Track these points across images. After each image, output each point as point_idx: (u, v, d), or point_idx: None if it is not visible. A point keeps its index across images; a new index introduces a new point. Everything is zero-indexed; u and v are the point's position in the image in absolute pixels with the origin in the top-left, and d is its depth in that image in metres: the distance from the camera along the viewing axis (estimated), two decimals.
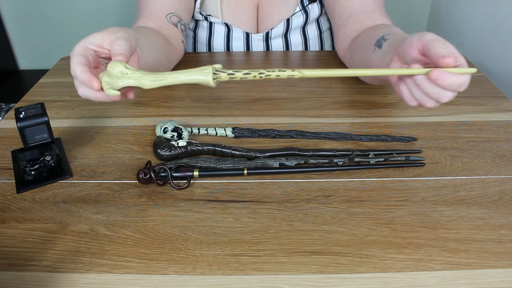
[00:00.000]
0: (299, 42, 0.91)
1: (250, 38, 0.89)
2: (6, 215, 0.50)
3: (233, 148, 0.58)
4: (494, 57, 0.95)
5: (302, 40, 0.91)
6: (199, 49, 0.93)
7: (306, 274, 0.42)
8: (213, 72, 0.48)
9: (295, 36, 0.90)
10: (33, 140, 0.53)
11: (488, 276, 0.42)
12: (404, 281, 0.41)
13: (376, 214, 0.49)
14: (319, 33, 0.92)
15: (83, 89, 0.50)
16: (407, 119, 0.67)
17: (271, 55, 0.90)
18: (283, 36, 0.89)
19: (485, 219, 0.48)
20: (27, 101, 0.74)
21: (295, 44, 0.91)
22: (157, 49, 0.69)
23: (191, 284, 0.42)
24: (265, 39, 0.89)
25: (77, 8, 1.63)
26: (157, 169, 0.53)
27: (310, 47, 0.92)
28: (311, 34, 0.91)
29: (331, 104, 0.71)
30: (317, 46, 0.93)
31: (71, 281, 0.42)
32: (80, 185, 0.54)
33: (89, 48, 0.51)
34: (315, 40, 0.92)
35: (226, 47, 0.90)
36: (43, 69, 0.94)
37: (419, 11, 1.49)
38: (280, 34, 0.89)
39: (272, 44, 0.90)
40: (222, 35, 0.89)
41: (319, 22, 0.91)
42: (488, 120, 0.66)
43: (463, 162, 0.57)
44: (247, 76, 0.49)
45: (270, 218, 0.49)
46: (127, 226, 0.48)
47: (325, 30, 0.93)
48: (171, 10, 0.78)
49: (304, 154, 0.58)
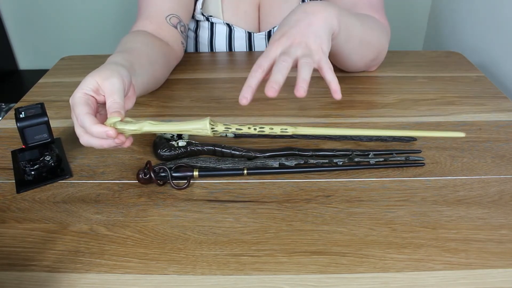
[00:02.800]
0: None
1: (252, 37, 0.89)
2: (6, 215, 0.50)
3: (233, 148, 0.58)
4: (494, 57, 0.95)
5: None
6: (201, 49, 0.93)
7: (306, 274, 0.42)
8: (210, 123, 0.49)
9: None
10: (33, 140, 0.53)
11: (488, 276, 0.42)
12: (404, 281, 0.41)
13: (376, 214, 0.49)
14: None
15: (86, 138, 0.49)
16: (407, 119, 0.67)
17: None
18: None
19: (485, 219, 0.48)
20: (27, 101, 0.74)
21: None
22: (153, 62, 0.69)
23: (191, 284, 0.42)
24: (267, 38, 0.89)
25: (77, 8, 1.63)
26: (157, 169, 0.53)
27: None
28: None
29: (331, 104, 0.71)
30: None
31: (71, 281, 0.42)
32: (80, 185, 0.54)
33: (88, 95, 0.50)
34: None
35: (228, 47, 0.90)
36: (43, 69, 0.94)
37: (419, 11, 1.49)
38: None
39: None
40: (224, 35, 0.89)
41: None
42: (488, 120, 0.66)
43: (463, 162, 0.57)
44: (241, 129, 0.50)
45: (270, 218, 0.49)
46: (127, 226, 0.48)
47: None
48: (170, 11, 0.77)
49: (304, 154, 0.58)
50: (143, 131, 0.49)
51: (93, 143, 0.49)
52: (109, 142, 0.49)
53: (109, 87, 0.50)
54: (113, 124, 0.48)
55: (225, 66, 0.88)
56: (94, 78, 0.50)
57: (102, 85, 0.50)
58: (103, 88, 0.50)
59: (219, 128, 0.50)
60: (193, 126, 0.49)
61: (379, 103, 0.71)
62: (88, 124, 0.47)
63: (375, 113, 0.68)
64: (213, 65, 0.87)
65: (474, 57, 0.94)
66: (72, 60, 0.91)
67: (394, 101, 0.72)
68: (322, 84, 0.78)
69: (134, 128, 0.49)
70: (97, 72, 0.51)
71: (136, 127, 0.49)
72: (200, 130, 0.49)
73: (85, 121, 0.47)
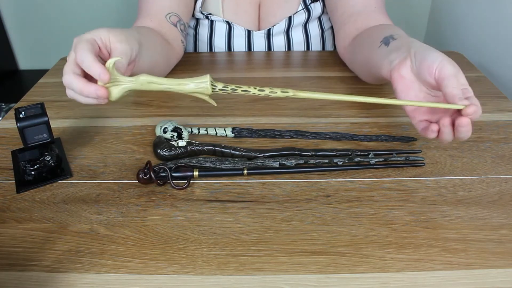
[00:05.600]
0: (300, 41, 0.91)
1: (251, 35, 0.89)
2: (6, 215, 0.50)
3: (233, 148, 0.58)
4: (494, 57, 0.95)
5: (304, 38, 0.91)
6: (200, 47, 0.93)
7: (306, 274, 0.42)
8: (210, 79, 0.50)
9: (297, 33, 0.90)
10: (33, 140, 0.53)
11: (488, 276, 0.42)
12: (404, 281, 0.41)
13: (376, 214, 0.49)
14: (321, 31, 0.92)
15: (71, 92, 0.49)
16: (407, 119, 0.66)
17: (272, 55, 0.90)
18: (285, 32, 0.89)
19: (485, 219, 0.48)
20: (27, 101, 0.74)
21: (296, 42, 0.91)
22: (157, 51, 0.69)
23: (191, 284, 0.42)
24: (266, 36, 0.89)
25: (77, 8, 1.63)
26: (157, 169, 0.53)
27: (312, 46, 0.92)
28: (313, 32, 0.91)
29: (331, 104, 0.71)
30: (318, 45, 0.93)
31: (71, 281, 0.42)
32: (80, 185, 0.54)
33: (96, 41, 0.49)
34: (316, 39, 0.92)
35: (227, 45, 0.90)
36: (43, 69, 0.94)
37: (419, 11, 1.49)
38: (282, 31, 0.89)
39: (274, 41, 0.90)
40: (223, 32, 0.89)
41: (321, 20, 0.91)
42: (488, 120, 0.66)
43: (463, 162, 0.57)
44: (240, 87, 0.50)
45: (270, 218, 0.49)
46: (127, 226, 0.48)
47: (327, 29, 0.93)
48: (170, 10, 0.78)
49: (304, 154, 0.58)
50: (140, 81, 0.49)
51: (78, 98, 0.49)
52: (92, 91, 0.47)
53: (118, 51, 0.50)
54: (111, 68, 0.48)
55: (225, 66, 0.88)
56: (108, 34, 0.50)
57: (112, 45, 0.50)
58: (112, 49, 0.50)
59: (218, 85, 0.50)
60: (193, 81, 0.49)
61: (379, 103, 0.71)
62: (88, 60, 0.46)
63: (375, 113, 0.68)
64: (213, 65, 0.87)
65: (474, 57, 0.94)
66: None
67: None
68: (322, 84, 0.78)
69: (131, 79, 0.49)
70: (112, 31, 0.51)
71: (133, 78, 0.49)
72: (200, 84, 0.49)
73: (85, 57, 0.46)
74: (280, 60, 0.88)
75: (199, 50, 0.94)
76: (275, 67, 0.86)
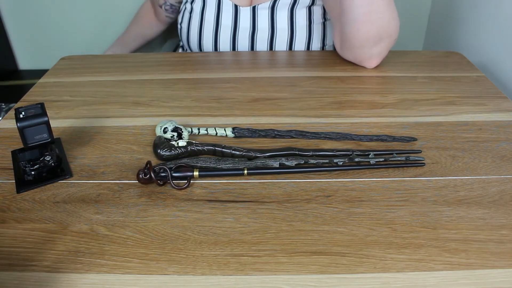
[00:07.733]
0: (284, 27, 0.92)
1: (238, 10, 0.93)
2: (6, 215, 0.50)
3: (233, 148, 0.58)
4: (494, 57, 0.95)
5: (288, 25, 0.92)
6: (193, 19, 0.96)
7: (306, 274, 0.42)
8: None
9: (282, 14, 0.92)
10: (33, 140, 0.53)
11: (488, 276, 0.42)
12: (404, 281, 0.41)
13: (376, 214, 0.49)
14: (308, 23, 0.92)
15: None
16: (407, 119, 0.67)
17: (273, 54, 0.90)
18: (269, 8, 0.92)
19: (486, 219, 0.48)
20: (27, 101, 0.74)
21: (281, 20, 0.92)
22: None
23: (191, 284, 0.41)
24: (252, 12, 0.93)
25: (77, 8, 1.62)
26: (157, 169, 0.53)
27: (296, 36, 0.93)
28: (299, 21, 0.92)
29: (331, 104, 0.71)
30: (304, 37, 0.94)
31: (71, 281, 0.42)
32: (80, 185, 0.54)
33: None
34: (303, 30, 0.93)
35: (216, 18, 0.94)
36: (43, 69, 0.94)
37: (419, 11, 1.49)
38: (267, 7, 0.92)
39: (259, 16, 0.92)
40: (213, 6, 0.94)
41: (311, 12, 0.92)
42: (488, 120, 0.66)
43: (463, 162, 0.57)
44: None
45: (270, 218, 0.49)
46: (127, 226, 0.48)
47: (316, 23, 0.93)
48: None
49: (304, 154, 0.58)
50: None
51: None
52: None
53: None
54: None
55: (226, 66, 0.88)
56: None
57: None
58: None
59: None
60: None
61: (379, 103, 0.71)
62: None
63: (375, 113, 0.68)
64: (213, 65, 0.87)
65: (474, 57, 0.94)
66: (72, 60, 0.91)
67: (394, 101, 0.72)
68: (322, 84, 0.78)
69: None
70: None
71: None
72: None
73: None
74: (281, 60, 0.89)
75: (192, 23, 0.97)
76: (276, 66, 0.86)
